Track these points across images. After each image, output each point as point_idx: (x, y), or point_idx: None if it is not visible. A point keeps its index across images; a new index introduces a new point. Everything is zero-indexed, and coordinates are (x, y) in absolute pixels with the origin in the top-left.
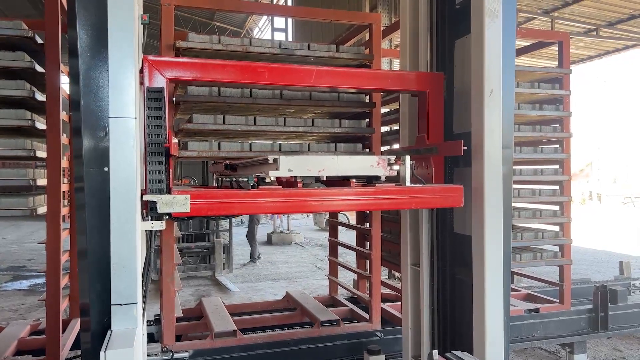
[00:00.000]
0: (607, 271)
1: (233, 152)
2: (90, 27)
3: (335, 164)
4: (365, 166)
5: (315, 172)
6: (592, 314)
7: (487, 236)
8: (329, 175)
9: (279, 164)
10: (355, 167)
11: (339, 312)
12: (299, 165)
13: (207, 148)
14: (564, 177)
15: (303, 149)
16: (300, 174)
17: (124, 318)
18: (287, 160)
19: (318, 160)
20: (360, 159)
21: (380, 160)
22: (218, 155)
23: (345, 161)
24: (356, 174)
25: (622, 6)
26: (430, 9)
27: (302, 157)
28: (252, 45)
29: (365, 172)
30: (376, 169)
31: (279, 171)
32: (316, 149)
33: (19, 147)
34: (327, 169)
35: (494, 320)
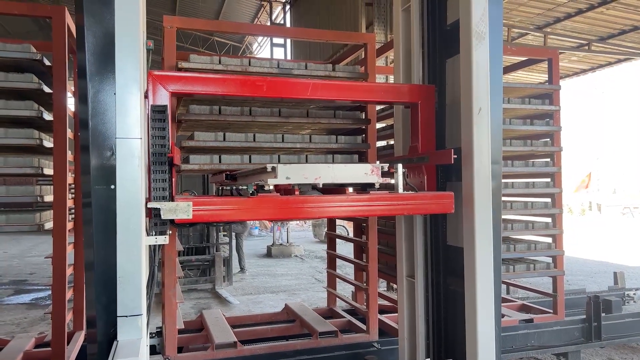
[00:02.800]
0: (603, 282)
1: (233, 164)
2: (98, 53)
3: (330, 172)
4: (360, 174)
5: (311, 179)
6: (585, 324)
7: (478, 248)
8: (325, 183)
9: (277, 172)
10: (350, 174)
11: (337, 324)
12: (296, 173)
13: (208, 161)
14: (555, 189)
15: (301, 160)
16: (297, 181)
17: (130, 329)
18: (284, 168)
19: (314, 168)
20: (354, 167)
21: (374, 168)
22: (219, 167)
23: (341, 169)
24: (351, 181)
25: (612, 22)
26: (422, 29)
27: (299, 166)
28: (252, 66)
29: (360, 179)
30: (370, 177)
31: (277, 179)
32: (314, 160)
33: (27, 164)
34: (323, 176)
35: (485, 330)
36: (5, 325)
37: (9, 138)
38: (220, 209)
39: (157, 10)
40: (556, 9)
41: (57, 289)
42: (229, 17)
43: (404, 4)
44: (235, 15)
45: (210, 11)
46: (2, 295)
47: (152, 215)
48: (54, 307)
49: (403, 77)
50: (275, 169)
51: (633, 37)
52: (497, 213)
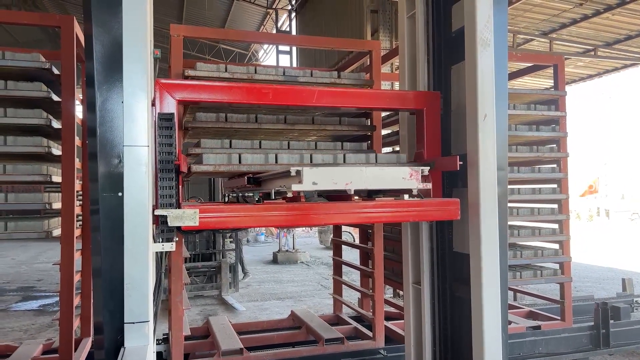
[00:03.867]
0: (612, 288)
1: (255, 165)
2: (106, 62)
3: (363, 176)
4: (397, 178)
5: (341, 185)
6: (593, 331)
7: (484, 254)
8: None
9: (302, 177)
10: (386, 179)
11: (343, 330)
12: (324, 178)
13: (225, 161)
14: (562, 195)
15: (338, 160)
16: (326, 187)
17: (136, 336)
18: (311, 172)
19: (345, 172)
20: (391, 171)
21: (413, 171)
22: (238, 169)
23: (375, 173)
24: (386, 187)
25: (618, 27)
26: (427, 36)
27: (328, 169)
28: (258, 73)
29: (397, 184)
30: (408, 181)
31: (302, 184)
32: (353, 160)
33: (35, 172)
34: (354, 181)
35: (491, 337)
36: (13, 332)
37: (18, 146)
38: (226, 216)
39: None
40: (561, 15)
41: (64, 295)
42: (235, 24)
43: (409, 11)
44: (241, 23)
45: (217, 19)
46: (10, 302)
47: (159, 222)
48: (61, 313)
49: (408, 83)
50: (300, 173)
51: (639, 42)
52: (503, 219)
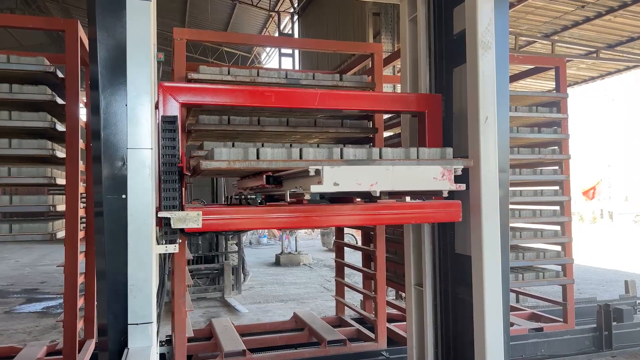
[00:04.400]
0: (615, 290)
1: (277, 161)
2: (110, 66)
3: (390, 175)
4: (427, 178)
5: (366, 186)
6: (596, 333)
7: (486, 256)
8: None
9: (322, 177)
10: (415, 179)
11: (346, 332)
12: (347, 178)
13: (240, 156)
14: (564, 197)
15: (373, 156)
16: (348, 188)
17: (140, 336)
18: (332, 172)
19: (369, 171)
20: (421, 170)
21: (445, 170)
22: (257, 166)
23: (403, 173)
24: (415, 188)
25: (620, 29)
26: (429, 38)
27: (350, 168)
28: (260, 76)
29: (427, 185)
30: (440, 182)
31: (322, 185)
32: (391, 155)
33: (40, 175)
34: (380, 182)
35: (494, 338)
36: (17, 334)
37: (23, 149)
38: (229, 218)
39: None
40: (563, 17)
41: (68, 297)
42: (238, 27)
43: (410, 14)
44: (243, 26)
45: (220, 22)
46: (14, 304)
47: (163, 224)
48: (65, 315)
49: (410, 86)
50: (320, 173)
51: None
52: (504, 221)
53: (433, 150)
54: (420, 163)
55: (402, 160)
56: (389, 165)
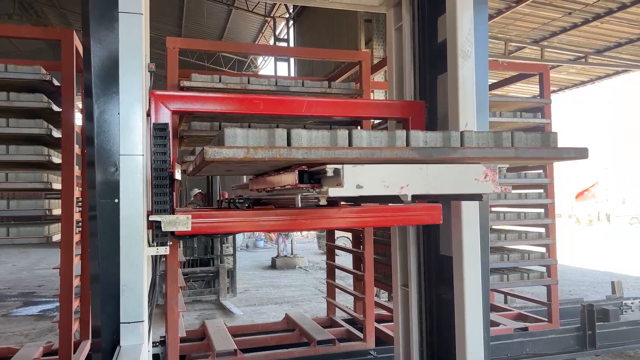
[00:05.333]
0: (605, 292)
1: (318, 149)
2: (104, 75)
3: (423, 176)
4: (467, 180)
5: (395, 189)
6: (580, 332)
7: (466, 257)
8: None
9: (342, 178)
10: (453, 180)
11: (336, 333)
12: (372, 179)
13: (264, 142)
14: (547, 200)
15: (452, 142)
16: (374, 191)
17: (132, 335)
18: (354, 171)
19: (400, 171)
20: (459, 170)
21: (489, 171)
22: (288, 156)
23: (439, 173)
24: (454, 191)
25: (607, 35)
26: (414, 47)
27: (377, 168)
28: (251, 83)
29: (467, 187)
30: (482, 184)
31: (343, 189)
32: (476, 141)
33: (37, 180)
34: (412, 184)
35: (474, 336)
36: (14, 337)
37: (20, 155)
38: (218, 221)
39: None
40: (551, 24)
41: (64, 299)
42: (234, 32)
43: (396, 23)
44: (240, 31)
45: (216, 27)
46: (11, 307)
47: (154, 227)
48: (61, 316)
49: (396, 93)
50: (339, 173)
51: (629, 49)
52: (484, 223)
53: (531, 135)
54: (514, 153)
55: (492, 149)
56: (423, 165)
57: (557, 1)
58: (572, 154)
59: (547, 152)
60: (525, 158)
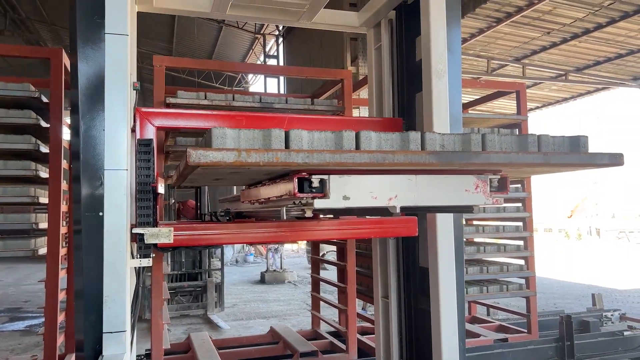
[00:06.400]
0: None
1: (323, 152)
2: (90, 93)
3: (413, 187)
4: (458, 191)
5: (383, 200)
6: (558, 343)
7: (441, 268)
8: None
9: (328, 189)
10: (443, 192)
11: (319, 345)
12: (360, 190)
13: (259, 144)
14: (525, 213)
15: (473, 145)
16: (361, 203)
17: (115, 344)
18: (341, 182)
19: (388, 182)
20: (450, 181)
21: (479, 181)
22: (286, 160)
23: (428, 183)
24: (444, 203)
25: (586, 53)
26: (392, 66)
27: (364, 178)
28: (235, 100)
29: (457, 199)
30: (473, 196)
31: (330, 200)
32: (498, 145)
33: (24, 194)
34: (401, 196)
35: (450, 346)
36: (0, 352)
37: (8, 169)
38: (199, 234)
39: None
40: (532, 42)
41: (49, 312)
42: (225, 48)
43: (376, 43)
44: (230, 47)
45: (207, 43)
46: None
47: (137, 239)
48: (46, 329)
49: (376, 110)
50: (325, 184)
51: (608, 67)
52: (459, 235)
53: (559, 138)
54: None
55: (517, 154)
56: (412, 176)
57: (536, 21)
58: (606, 160)
59: (579, 158)
60: (554, 164)
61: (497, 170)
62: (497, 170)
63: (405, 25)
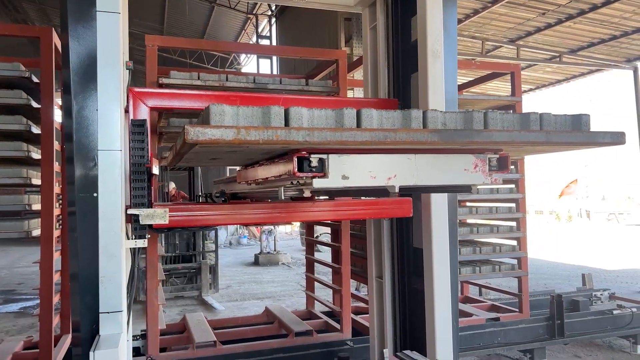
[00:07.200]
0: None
1: (323, 130)
2: (82, 72)
3: (411, 167)
4: (456, 170)
5: (382, 179)
6: (549, 322)
7: (435, 249)
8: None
9: (327, 168)
10: (442, 171)
11: (314, 324)
12: (358, 170)
13: (258, 120)
14: (518, 195)
15: (474, 123)
16: (361, 183)
17: (111, 324)
18: (340, 161)
19: (387, 161)
20: (449, 160)
21: (479, 160)
22: (287, 138)
23: (427, 163)
24: (442, 182)
25: (580, 35)
26: (388, 46)
27: (363, 158)
28: (229, 81)
29: (456, 178)
30: (472, 175)
31: (328, 179)
32: (500, 123)
33: (16, 175)
34: (400, 175)
35: (443, 324)
36: None
37: None
38: (195, 215)
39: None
40: (526, 23)
41: (44, 293)
42: (217, 29)
43: (371, 23)
44: (222, 27)
45: (198, 23)
46: None
47: (132, 220)
48: (41, 310)
49: (371, 91)
50: (324, 163)
51: (601, 49)
52: (453, 216)
53: (561, 117)
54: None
55: (520, 132)
56: (411, 155)
57: (531, 2)
58: (608, 138)
59: (581, 137)
60: (556, 143)
61: (497, 150)
62: (497, 150)
63: (400, 4)
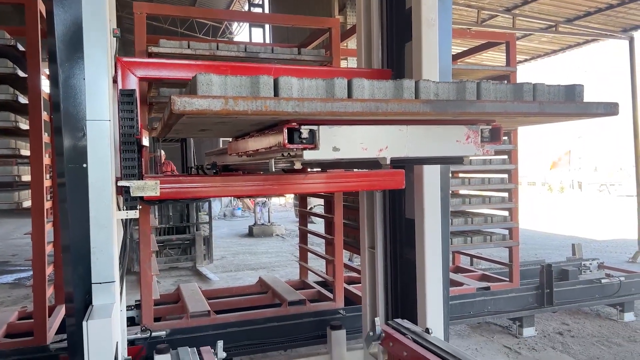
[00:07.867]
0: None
1: (314, 101)
2: (68, 41)
3: (403, 138)
4: (449, 141)
5: (374, 151)
6: (538, 291)
7: (427, 219)
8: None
9: (317, 140)
10: (434, 142)
11: (307, 294)
12: (350, 141)
13: (247, 90)
14: (511, 166)
15: (467, 94)
16: (352, 154)
17: (103, 294)
18: (330, 132)
19: (378, 132)
20: (441, 131)
21: (471, 132)
22: (276, 108)
23: (419, 134)
24: (434, 154)
25: (577, 3)
26: (381, 14)
27: (354, 129)
28: (220, 50)
29: (448, 150)
30: (464, 146)
31: (319, 151)
32: (493, 94)
33: (4, 146)
34: (392, 147)
35: (433, 293)
36: None
37: None
38: (186, 187)
39: None
40: None
41: (37, 264)
42: None
43: None
44: None
45: None
46: None
47: (123, 192)
48: (34, 281)
49: (365, 61)
50: (315, 135)
51: (598, 18)
52: (445, 187)
53: (554, 87)
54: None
55: (513, 103)
56: (403, 126)
57: None
58: (601, 109)
59: (574, 108)
60: (550, 114)
61: (489, 121)
62: (490, 121)
63: None
